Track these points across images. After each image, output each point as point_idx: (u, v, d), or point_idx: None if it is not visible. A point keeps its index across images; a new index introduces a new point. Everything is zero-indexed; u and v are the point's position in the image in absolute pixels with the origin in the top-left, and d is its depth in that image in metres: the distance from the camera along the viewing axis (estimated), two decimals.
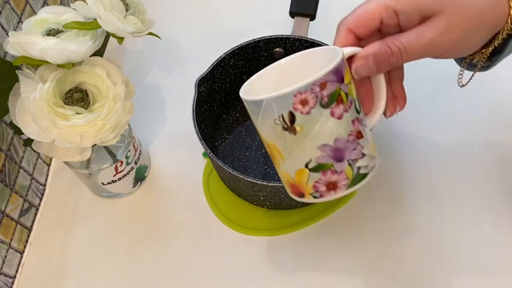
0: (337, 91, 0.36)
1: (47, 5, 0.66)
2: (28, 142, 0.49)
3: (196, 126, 0.54)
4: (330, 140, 0.37)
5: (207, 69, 0.58)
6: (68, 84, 0.46)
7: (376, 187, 0.60)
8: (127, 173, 0.59)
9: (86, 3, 0.45)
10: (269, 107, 0.36)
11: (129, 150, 0.57)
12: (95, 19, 0.46)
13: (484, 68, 0.42)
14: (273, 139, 0.38)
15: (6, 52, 0.52)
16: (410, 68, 0.70)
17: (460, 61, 0.44)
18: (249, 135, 0.64)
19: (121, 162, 0.57)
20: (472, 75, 0.44)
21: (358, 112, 0.38)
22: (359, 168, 0.38)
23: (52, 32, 0.46)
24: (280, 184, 0.50)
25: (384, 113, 0.41)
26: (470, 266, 0.54)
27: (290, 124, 0.36)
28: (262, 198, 0.56)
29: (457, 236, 0.56)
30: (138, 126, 0.67)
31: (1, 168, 0.54)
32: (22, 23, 0.59)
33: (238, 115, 0.66)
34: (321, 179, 0.38)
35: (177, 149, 0.66)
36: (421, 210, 0.58)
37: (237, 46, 0.60)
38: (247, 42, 0.60)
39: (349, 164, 0.38)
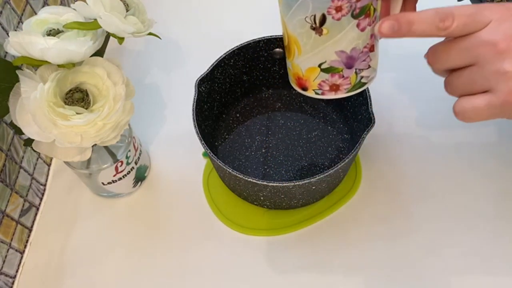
0: (369, 5, 0.39)
1: (48, 5, 0.66)
2: (29, 142, 0.49)
3: (196, 126, 0.54)
4: (348, 48, 0.40)
5: (207, 69, 0.58)
6: (69, 84, 0.46)
7: (376, 187, 0.60)
8: (127, 173, 0.59)
9: (87, 3, 0.45)
10: (305, 4, 0.39)
11: (129, 150, 0.57)
12: (95, 19, 0.46)
13: None
14: (297, 34, 0.41)
15: (7, 52, 0.52)
16: (412, 69, 0.70)
17: None
18: (249, 135, 0.64)
19: (121, 162, 0.57)
20: None
21: (376, 26, 0.41)
22: (362, 77, 0.43)
23: (53, 32, 0.46)
24: (280, 184, 0.50)
25: None
26: (470, 266, 0.54)
27: (319, 25, 0.39)
28: (262, 198, 0.56)
29: (457, 236, 0.56)
30: (138, 126, 0.67)
31: (2, 168, 0.54)
32: (22, 23, 0.60)
33: (238, 115, 0.66)
34: (327, 80, 0.43)
35: (177, 149, 0.66)
36: (421, 210, 0.58)
37: (237, 46, 0.60)
38: (247, 42, 0.60)
39: (355, 72, 0.43)
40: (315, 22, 0.39)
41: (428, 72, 0.70)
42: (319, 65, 0.42)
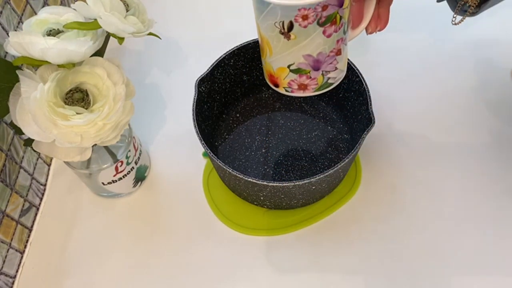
0: (335, 13, 0.41)
1: (48, 5, 0.66)
2: (29, 142, 0.49)
3: (196, 126, 0.54)
4: (314, 52, 0.43)
5: (207, 69, 0.58)
6: (69, 84, 0.46)
7: (376, 187, 0.61)
8: (127, 173, 0.59)
9: (87, 3, 0.45)
10: (274, 11, 0.41)
11: (129, 150, 0.57)
12: (95, 19, 0.46)
13: (473, 14, 0.49)
14: (268, 36, 0.44)
15: (7, 52, 0.52)
16: (412, 69, 0.70)
17: (453, 6, 0.51)
18: (249, 135, 0.64)
19: (122, 162, 0.57)
20: (463, 18, 0.51)
21: (344, 33, 0.44)
22: (328, 78, 0.46)
23: (53, 32, 0.46)
24: (280, 184, 0.50)
25: (366, 29, 0.46)
26: (470, 266, 0.54)
27: (287, 31, 0.42)
28: (262, 198, 0.56)
29: (457, 236, 0.56)
30: (138, 126, 0.67)
31: (2, 168, 0.54)
32: (22, 23, 0.60)
33: (238, 115, 0.66)
34: (296, 79, 0.46)
35: (177, 149, 0.66)
36: (421, 209, 0.58)
37: (237, 46, 0.60)
38: (247, 42, 0.60)
39: (322, 74, 0.46)
40: (283, 28, 0.42)
41: (428, 73, 0.71)
42: (288, 66, 0.45)
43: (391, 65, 0.71)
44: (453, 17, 0.52)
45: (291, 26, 0.41)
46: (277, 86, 0.48)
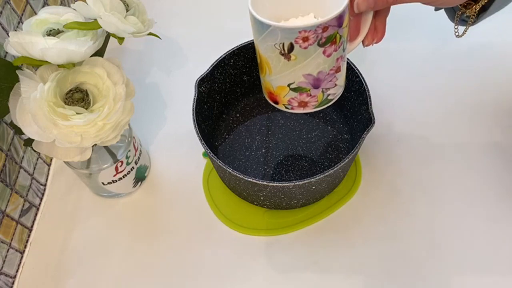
0: (335, 34, 0.41)
1: (48, 5, 0.66)
2: (29, 142, 0.49)
3: (196, 126, 0.54)
4: (315, 71, 0.44)
5: (207, 69, 0.58)
6: (69, 84, 0.46)
7: (376, 187, 0.61)
8: (127, 173, 0.59)
9: (87, 3, 0.45)
10: (274, 33, 0.41)
11: (130, 150, 0.57)
12: (95, 19, 0.46)
13: (473, 23, 0.50)
14: (268, 56, 0.44)
15: (7, 52, 0.52)
16: (412, 69, 0.70)
17: (451, 16, 0.51)
18: (249, 135, 0.64)
19: (122, 162, 0.57)
20: (466, 29, 0.52)
21: (343, 50, 0.44)
22: (328, 94, 0.47)
23: (53, 32, 0.46)
24: (280, 184, 0.50)
25: (363, 42, 0.46)
26: (470, 266, 0.54)
27: (287, 52, 0.42)
28: (262, 198, 0.56)
29: (457, 236, 0.56)
30: (138, 126, 0.67)
31: (2, 168, 0.54)
32: (22, 23, 0.60)
33: (238, 115, 0.66)
34: (296, 97, 0.46)
35: (177, 149, 0.66)
36: (420, 210, 0.58)
37: (237, 46, 0.60)
38: (247, 42, 0.60)
39: (322, 91, 0.46)
40: (283, 49, 0.42)
41: (428, 73, 0.71)
42: (288, 85, 0.45)
43: (391, 65, 0.71)
44: (455, 28, 0.53)
45: (291, 48, 0.41)
46: (276, 103, 0.48)
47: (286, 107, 0.48)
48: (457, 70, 0.70)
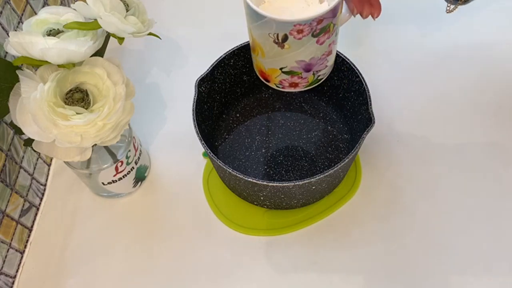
0: (329, 24, 0.42)
1: (48, 5, 0.66)
2: (29, 142, 0.49)
3: (196, 126, 0.54)
4: (307, 58, 0.45)
5: (207, 69, 0.58)
6: (69, 84, 0.46)
7: (376, 187, 0.61)
8: (127, 173, 0.59)
9: (87, 3, 0.45)
10: (269, 24, 0.41)
11: (130, 150, 0.57)
12: (95, 20, 0.46)
13: (465, 2, 0.53)
14: (261, 42, 0.44)
15: (7, 52, 0.52)
16: (412, 69, 0.70)
17: None
18: (249, 135, 0.64)
19: (122, 162, 0.57)
20: (456, 6, 0.54)
21: (336, 35, 0.45)
22: (319, 75, 0.48)
23: (53, 32, 0.46)
24: (280, 184, 0.50)
25: (361, 14, 0.46)
26: (470, 266, 0.54)
27: (281, 41, 0.43)
28: (262, 198, 0.56)
29: (457, 236, 0.56)
30: (138, 126, 0.67)
31: (2, 168, 0.54)
32: (22, 23, 0.60)
33: (238, 115, 0.66)
34: (287, 79, 0.48)
35: (177, 149, 0.66)
36: (420, 209, 0.58)
37: (237, 46, 0.60)
38: (247, 42, 0.60)
39: (313, 74, 0.47)
40: (277, 39, 0.42)
41: (428, 73, 0.70)
42: (281, 69, 0.46)
43: (391, 65, 0.71)
44: (448, 6, 0.55)
45: (285, 38, 0.42)
46: (268, 81, 0.50)
47: (277, 86, 0.50)
48: (457, 70, 0.70)
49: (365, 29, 0.75)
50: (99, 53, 0.49)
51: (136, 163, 0.60)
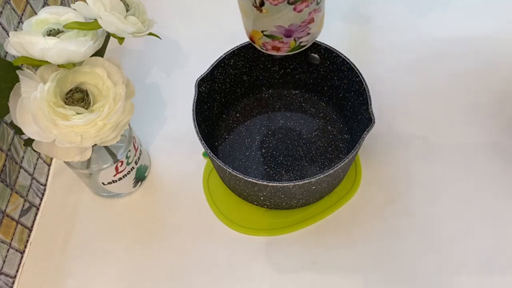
0: None
1: (48, 5, 0.66)
2: (29, 142, 0.49)
3: (196, 126, 0.54)
4: (286, 24, 0.47)
5: (207, 69, 0.58)
6: (69, 84, 0.46)
7: (376, 187, 0.61)
8: (128, 173, 0.59)
9: (87, 3, 0.45)
10: None
11: (130, 150, 0.57)
12: (95, 20, 0.46)
13: None
14: (244, 5, 0.48)
15: (7, 52, 0.52)
16: (412, 69, 0.70)
17: None
18: (249, 135, 0.64)
19: (122, 162, 0.57)
20: None
21: (317, 4, 0.47)
22: (301, 42, 0.50)
23: (53, 32, 0.46)
24: (280, 184, 0.50)
25: None
26: (470, 266, 0.54)
27: (259, 5, 0.45)
28: (262, 198, 0.56)
29: (457, 236, 0.56)
30: (138, 126, 0.67)
31: (2, 168, 0.54)
32: (22, 23, 0.60)
33: (238, 115, 0.66)
34: (269, 42, 0.50)
35: (177, 149, 0.66)
36: (420, 209, 0.58)
37: (237, 46, 0.60)
38: (247, 42, 0.60)
39: (295, 40, 0.49)
40: (255, 2, 0.45)
41: (428, 73, 0.70)
42: (262, 31, 0.49)
43: (391, 65, 0.71)
44: None
45: (262, 2, 0.44)
46: (253, 43, 0.53)
47: (261, 48, 0.53)
48: (457, 70, 0.70)
49: (365, 29, 0.75)
50: (99, 53, 0.49)
51: (136, 163, 0.60)
